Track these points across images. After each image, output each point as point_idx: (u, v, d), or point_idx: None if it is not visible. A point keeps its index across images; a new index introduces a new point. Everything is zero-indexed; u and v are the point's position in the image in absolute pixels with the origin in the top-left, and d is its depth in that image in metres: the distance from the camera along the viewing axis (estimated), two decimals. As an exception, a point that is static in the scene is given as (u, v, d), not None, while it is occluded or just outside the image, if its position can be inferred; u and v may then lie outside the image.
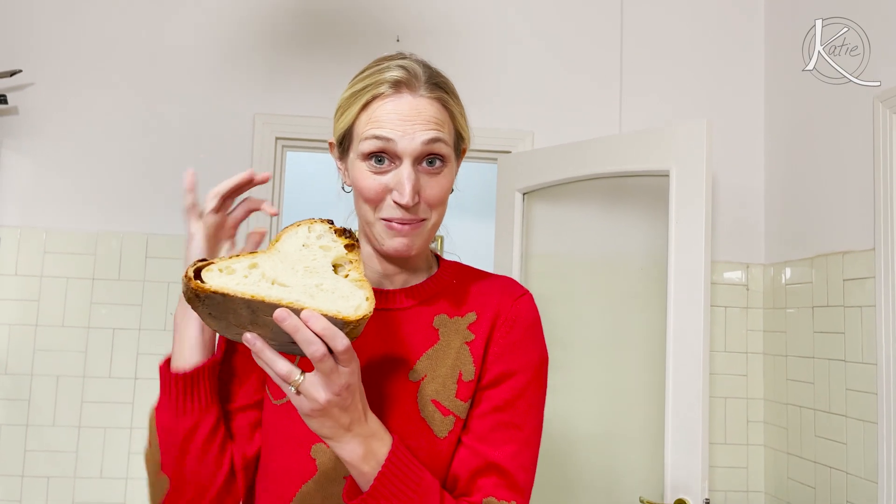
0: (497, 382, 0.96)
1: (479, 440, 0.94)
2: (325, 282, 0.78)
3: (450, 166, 0.95)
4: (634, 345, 2.29)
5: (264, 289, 0.74)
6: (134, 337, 2.49)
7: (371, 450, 0.80)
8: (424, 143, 0.90)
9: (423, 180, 0.92)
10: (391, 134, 0.90)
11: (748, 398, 2.62)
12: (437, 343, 0.97)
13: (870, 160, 2.08)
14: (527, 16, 2.73)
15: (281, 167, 2.67)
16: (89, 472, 2.43)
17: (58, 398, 2.44)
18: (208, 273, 0.75)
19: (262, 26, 2.65)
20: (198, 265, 0.76)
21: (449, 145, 0.94)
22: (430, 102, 0.92)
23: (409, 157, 0.90)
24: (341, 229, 0.86)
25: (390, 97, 0.91)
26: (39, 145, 2.53)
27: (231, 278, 0.75)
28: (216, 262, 0.77)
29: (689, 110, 2.67)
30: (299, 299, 0.74)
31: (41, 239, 2.49)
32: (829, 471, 2.20)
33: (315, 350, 0.71)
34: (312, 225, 0.86)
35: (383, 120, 0.90)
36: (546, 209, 2.52)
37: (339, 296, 0.76)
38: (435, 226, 0.96)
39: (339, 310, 0.74)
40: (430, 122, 0.91)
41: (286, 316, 0.70)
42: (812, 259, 2.34)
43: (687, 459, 1.93)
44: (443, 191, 0.94)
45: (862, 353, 2.07)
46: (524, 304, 1.01)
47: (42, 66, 2.54)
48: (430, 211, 0.94)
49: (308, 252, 0.82)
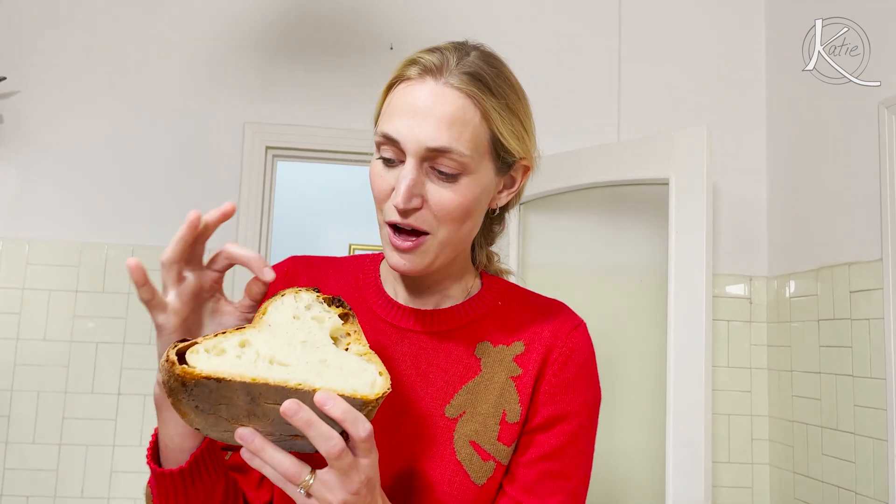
0: (547, 426, 0.85)
1: (524, 492, 0.84)
2: (329, 357, 0.68)
3: (474, 176, 0.80)
4: (634, 360, 2.25)
5: (263, 370, 0.64)
6: (118, 351, 2.43)
7: None
8: (429, 150, 0.77)
9: (431, 187, 0.78)
10: (395, 131, 0.78)
11: (752, 415, 2.55)
12: (479, 375, 0.86)
13: (875, 167, 2.03)
14: (522, 23, 2.69)
15: (271, 177, 2.62)
16: (70, 492, 2.36)
17: (38, 414, 2.37)
18: (194, 356, 0.64)
19: (253, 33, 2.61)
20: (178, 347, 0.65)
21: (466, 156, 0.78)
22: (456, 96, 0.78)
23: (414, 157, 0.77)
24: (330, 298, 0.75)
25: (412, 81, 0.79)
26: (23, 154, 2.48)
27: (222, 360, 0.64)
28: (200, 342, 0.66)
29: (689, 118, 2.62)
30: (307, 379, 0.64)
31: (23, 250, 2.43)
32: (838, 490, 2.13)
33: (333, 446, 0.62)
34: (298, 294, 0.74)
35: (395, 111, 0.79)
36: (543, 219, 2.47)
37: (348, 373, 0.67)
38: (445, 244, 0.81)
39: (355, 388, 0.64)
40: (443, 122, 0.77)
41: (297, 409, 0.61)
42: (817, 271, 2.29)
43: (689, 479, 1.89)
44: (453, 203, 0.79)
45: (870, 368, 2.01)
46: (580, 337, 0.88)
47: (27, 74, 2.50)
48: (437, 224, 0.79)
49: (301, 324, 0.71)
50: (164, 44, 2.58)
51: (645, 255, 2.25)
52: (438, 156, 0.77)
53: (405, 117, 0.78)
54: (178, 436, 0.74)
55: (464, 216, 0.81)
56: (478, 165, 0.80)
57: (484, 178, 0.82)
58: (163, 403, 0.73)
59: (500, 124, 0.81)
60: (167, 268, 0.69)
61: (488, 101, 0.80)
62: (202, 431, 0.67)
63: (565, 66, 2.68)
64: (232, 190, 2.53)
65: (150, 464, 0.76)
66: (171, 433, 0.74)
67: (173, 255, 0.69)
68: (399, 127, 0.78)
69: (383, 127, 0.79)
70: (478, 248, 0.96)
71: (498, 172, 0.84)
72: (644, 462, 2.15)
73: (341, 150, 2.58)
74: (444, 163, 0.78)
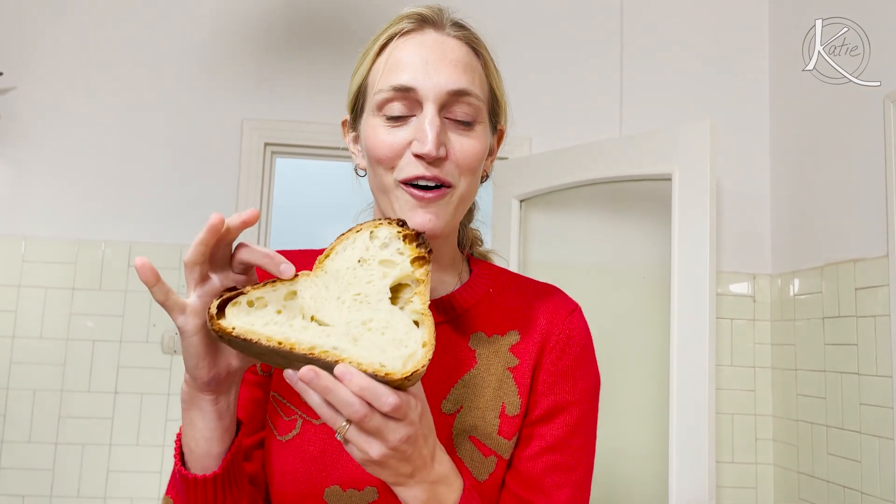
0: (548, 417, 0.82)
1: (529, 487, 0.81)
2: (377, 316, 0.65)
3: (483, 126, 0.79)
4: (636, 358, 2.23)
5: (297, 330, 0.63)
6: (115, 349, 2.41)
7: (437, 496, 0.69)
8: (450, 93, 0.75)
9: (452, 135, 0.76)
10: (411, 79, 0.74)
11: (756, 414, 2.53)
12: (475, 367, 0.83)
13: (881, 163, 2.01)
14: (523, 17, 2.67)
15: (270, 174, 2.60)
16: (66, 491, 2.34)
17: (34, 413, 2.35)
18: (234, 308, 0.63)
19: (251, 30, 2.58)
20: (224, 297, 0.64)
21: (481, 100, 0.78)
22: (460, 44, 0.78)
23: (433, 103, 0.74)
24: (413, 233, 0.69)
25: (411, 34, 0.77)
26: (20, 150, 2.46)
27: (260, 315, 0.63)
28: (246, 292, 0.64)
29: (692, 113, 2.60)
30: (337, 346, 0.62)
31: (19, 247, 2.41)
32: (843, 490, 2.11)
33: (353, 412, 0.60)
34: (377, 229, 0.69)
35: (403, 61, 0.76)
36: (544, 216, 2.45)
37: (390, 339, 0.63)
38: (463, 199, 0.79)
39: (384, 363, 0.61)
40: (458, 66, 0.76)
41: (313, 377, 0.59)
42: (822, 268, 2.26)
43: (693, 479, 1.87)
44: (474, 151, 0.77)
45: (876, 366, 1.99)
46: (576, 323, 0.86)
47: (24, 70, 2.48)
48: (459, 177, 0.77)
49: (364, 272, 0.67)
50: (162, 40, 2.56)
51: (647, 253, 2.23)
52: (457, 101, 0.76)
53: (416, 65, 0.75)
54: (205, 440, 0.71)
55: (478, 168, 0.79)
56: (484, 116, 0.80)
57: (487, 131, 0.82)
58: (190, 403, 0.70)
59: (495, 77, 0.82)
60: (189, 269, 0.65)
61: (485, 53, 0.82)
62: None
63: (567, 60, 2.66)
64: (230, 187, 2.51)
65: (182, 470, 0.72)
66: (198, 436, 0.71)
67: (194, 257, 0.65)
68: (413, 75, 0.75)
69: (392, 80, 0.75)
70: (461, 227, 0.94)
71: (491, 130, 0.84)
72: (647, 462, 2.13)
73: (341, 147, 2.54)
74: (461, 109, 0.76)
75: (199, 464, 0.72)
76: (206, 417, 0.70)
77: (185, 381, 0.70)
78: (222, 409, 0.71)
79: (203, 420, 0.70)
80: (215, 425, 0.71)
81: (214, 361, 0.68)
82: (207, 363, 0.67)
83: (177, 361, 2.42)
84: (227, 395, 0.71)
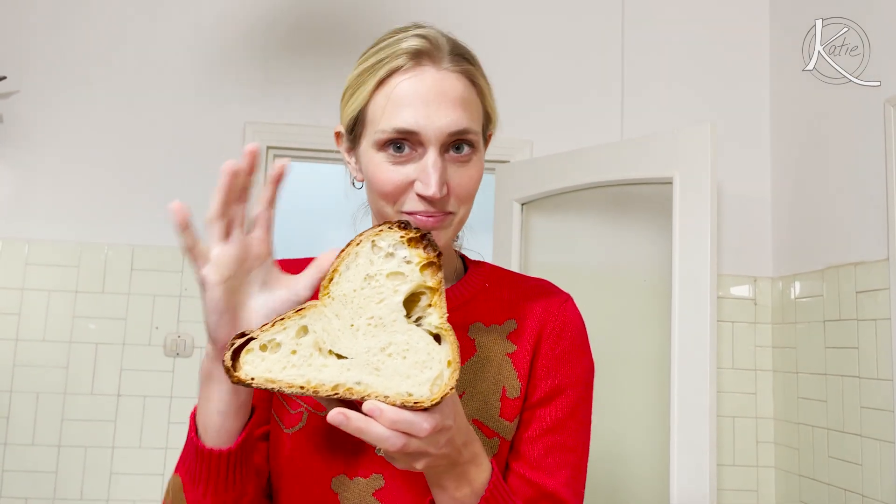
0: (547, 400, 0.86)
1: (532, 468, 0.84)
2: (396, 339, 0.63)
3: (480, 154, 0.83)
4: (638, 361, 2.23)
5: (316, 369, 0.62)
6: (118, 352, 2.41)
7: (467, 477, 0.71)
8: (451, 134, 0.77)
9: (451, 170, 0.79)
10: (413, 123, 0.76)
11: (757, 417, 2.53)
12: (475, 355, 0.86)
13: (881, 166, 2.01)
14: (525, 21, 2.67)
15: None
16: (69, 494, 2.34)
17: (37, 416, 2.36)
18: (249, 356, 0.62)
19: (254, 33, 2.59)
20: (235, 344, 0.63)
21: (478, 133, 0.81)
22: (458, 78, 0.79)
23: (435, 145, 0.77)
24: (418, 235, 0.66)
25: (410, 71, 0.78)
26: (23, 153, 2.47)
27: (276, 359, 0.62)
28: (256, 337, 0.63)
29: (692, 116, 2.60)
30: (360, 380, 0.61)
31: (23, 250, 2.42)
32: (844, 493, 2.11)
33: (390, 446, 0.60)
34: (378, 237, 0.66)
35: (404, 102, 0.77)
36: (545, 220, 2.45)
37: (412, 362, 0.62)
38: (461, 221, 0.83)
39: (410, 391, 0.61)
40: (458, 105, 0.78)
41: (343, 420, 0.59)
42: (823, 271, 2.26)
43: (694, 482, 1.87)
44: (472, 182, 0.81)
45: (877, 369, 1.99)
46: (570, 310, 0.91)
47: (27, 73, 2.49)
48: (459, 205, 0.81)
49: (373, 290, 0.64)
50: (165, 43, 2.56)
51: (648, 256, 2.23)
52: (457, 140, 0.78)
53: (418, 107, 0.77)
54: (220, 414, 0.71)
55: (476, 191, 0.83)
56: (481, 142, 0.83)
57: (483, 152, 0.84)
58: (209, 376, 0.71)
59: (488, 98, 0.85)
60: (209, 224, 0.66)
61: (479, 78, 0.83)
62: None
63: (568, 65, 2.66)
64: (232, 190, 2.51)
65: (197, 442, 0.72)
66: (213, 410, 0.71)
67: (214, 210, 0.65)
68: (415, 118, 0.76)
69: (394, 122, 0.77)
70: None
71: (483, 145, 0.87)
72: (648, 464, 2.13)
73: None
74: (461, 144, 0.79)
75: (213, 439, 0.72)
76: (223, 389, 0.71)
77: (205, 355, 0.71)
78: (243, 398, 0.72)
79: (219, 393, 0.71)
80: (231, 398, 0.71)
81: (235, 324, 0.68)
82: (227, 321, 0.67)
83: (179, 364, 2.43)
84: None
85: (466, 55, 0.82)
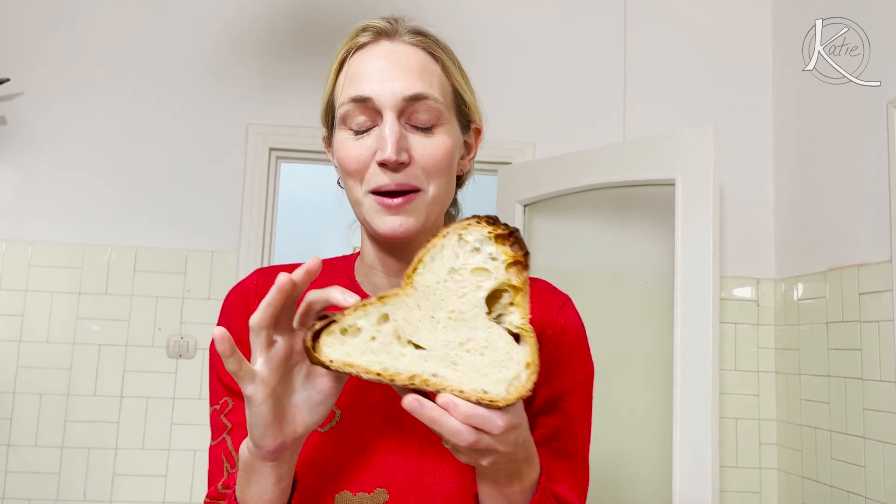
0: (550, 407, 0.85)
1: None
2: (475, 335, 0.62)
3: (448, 127, 0.79)
4: (640, 363, 2.22)
5: (394, 357, 0.61)
6: (121, 353, 2.42)
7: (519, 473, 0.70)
8: (406, 98, 0.75)
9: (414, 140, 0.77)
10: (367, 89, 0.75)
11: (760, 419, 2.52)
12: None
13: (884, 167, 2.01)
14: (527, 23, 2.67)
15: (275, 179, 2.60)
16: (72, 495, 2.35)
17: (40, 417, 2.36)
18: (329, 338, 0.62)
19: (256, 34, 2.60)
20: (316, 326, 0.63)
21: (440, 102, 0.78)
22: (414, 50, 0.78)
23: (391, 110, 0.75)
24: (506, 232, 0.64)
25: (367, 46, 0.79)
26: (26, 155, 2.48)
27: (355, 344, 0.62)
28: (338, 320, 0.63)
29: (695, 118, 2.60)
30: (437, 372, 0.61)
31: (26, 252, 2.43)
32: (847, 495, 2.10)
33: (461, 440, 0.60)
34: (465, 231, 0.64)
35: (360, 73, 0.77)
36: (547, 221, 2.45)
37: (489, 360, 0.61)
38: (436, 201, 0.79)
39: (486, 388, 0.60)
40: (413, 71, 0.77)
41: (417, 407, 0.59)
42: (825, 273, 2.26)
43: (696, 483, 1.86)
44: (439, 152, 0.77)
45: (880, 371, 1.98)
46: (570, 313, 0.89)
47: (31, 75, 2.49)
48: (427, 180, 0.77)
49: (455, 284, 0.63)
50: (167, 45, 2.57)
51: (651, 257, 2.23)
52: (415, 105, 0.76)
53: (373, 76, 0.77)
54: (262, 501, 0.71)
55: (448, 170, 0.80)
56: (449, 116, 0.80)
57: (454, 131, 0.81)
58: (250, 470, 0.69)
59: (457, 77, 0.82)
60: (256, 333, 0.64)
61: (444, 54, 0.81)
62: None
63: (570, 66, 2.66)
64: (235, 192, 2.52)
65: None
66: (254, 496, 0.71)
67: (262, 320, 0.63)
68: (370, 85, 0.76)
69: (351, 92, 0.77)
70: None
71: (462, 130, 0.84)
72: (650, 466, 2.12)
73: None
74: (421, 113, 0.77)
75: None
76: (266, 482, 0.69)
77: (246, 448, 0.69)
78: (283, 473, 0.70)
79: (260, 484, 0.70)
80: (273, 489, 0.70)
81: (281, 429, 0.67)
82: (273, 431, 0.66)
83: (182, 365, 2.43)
84: (290, 460, 0.71)
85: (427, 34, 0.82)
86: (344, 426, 0.81)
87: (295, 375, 0.68)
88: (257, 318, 0.63)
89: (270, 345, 0.65)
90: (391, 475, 0.80)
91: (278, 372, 0.65)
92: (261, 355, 0.65)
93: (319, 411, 0.69)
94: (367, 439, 0.81)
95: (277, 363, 0.65)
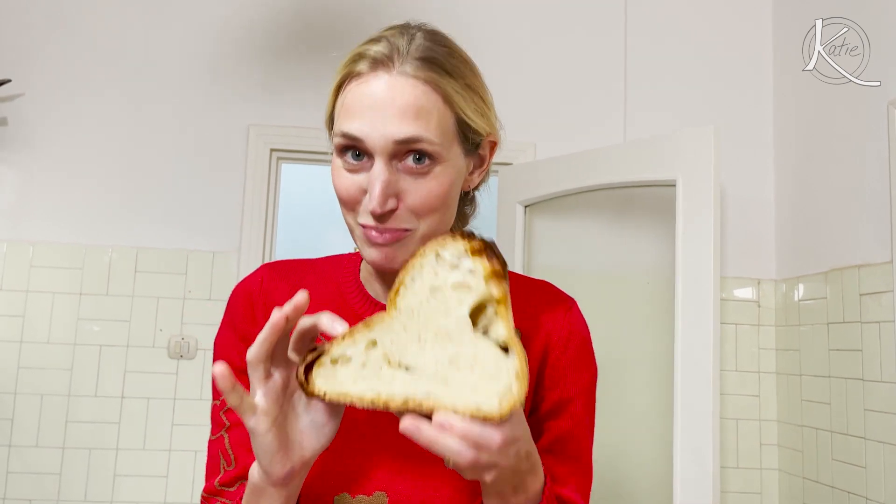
0: (556, 412, 0.85)
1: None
2: (463, 350, 0.62)
3: (445, 164, 0.76)
4: (641, 363, 2.23)
5: (386, 382, 0.62)
6: (122, 354, 2.42)
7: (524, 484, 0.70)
8: (397, 142, 0.73)
9: (406, 183, 0.75)
10: (358, 130, 0.73)
11: (761, 420, 2.52)
12: None
13: (885, 168, 2.01)
14: (527, 23, 2.68)
15: (276, 180, 2.61)
16: (73, 496, 2.35)
17: (42, 418, 2.37)
18: (320, 370, 0.64)
19: (257, 35, 2.60)
20: (307, 360, 0.64)
21: (436, 143, 0.74)
22: (413, 84, 0.74)
23: (381, 155, 0.73)
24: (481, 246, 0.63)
25: (363, 77, 0.75)
26: (27, 156, 2.48)
27: (347, 373, 0.63)
28: (328, 351, 0.64)
29: (695, 119, 2.60)
30: (430, 391, 0.61)
31: (27, 252, 2.43)
32: (848, 496, 2.10)
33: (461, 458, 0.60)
34: (442, 248, 0.64)
35: (353, 109, 0.75)
36: (548, 222, 2.45)
37: (480, 375, 0.61)
38: (428, 236, 0.77)
39: (479, 403, 0.59)
40: (408, 113, 0.73)
41: (415, 431, 0.60)
42: (826, 273, 2.26)
43: (697, 484, 1.86)
44: (431, 196, 0.75)
45: (881, 371, 1.98)
46: (575, 317, 0.89)
47: (32, 76, 2.50)
48: (417, 220, 0.76)
49: (438, 302, 0.64)
50: (168, 46, 2.57)
51: (651, 258, 2.23)
52: (407, 148, 0.74)
53: (364, 115, 0.74)
54: None
55: (443, 207, 0.77)
56: (448, 152, 0.77)
57: (456, 163, 0.78)
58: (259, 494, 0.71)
59: (462, 105, 0.78)
60: (253, 367, 0.65)
61: (447, 83, 0.76)
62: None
63: (571, 67, 2.66)
64: (236, 193, 2.53)
65: None
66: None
67: (258, 355, 0.65)
68: (360, 125, 0.74)
69: (342, 125, 0.75)
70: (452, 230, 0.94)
71: (467, 154, 0.81)
72: (651, 467, 2.12)
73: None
74: (413, 155, 0.74)
75: None
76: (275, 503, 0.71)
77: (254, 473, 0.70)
78: (291, 493, 0.71)
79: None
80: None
81: (288, 455, 0.68)
82: (281, 458, 0.67)
83: (183, 366, 2.43)
84: (298, 482, 0.71)
85: (434, 59, 0.76)
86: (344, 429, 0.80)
87: (296, 402, 0.69)
88: (253, 354, 0.65)
89: (268, 377, 0.66)
90: (391, 479, 0.80)
91: (278, 402, 0.67)
92: (260, 388, 0.66)
93: (325, 432, 0.69)
94: (366, 442, 0.81)
95: (277, 394, 0.66)
